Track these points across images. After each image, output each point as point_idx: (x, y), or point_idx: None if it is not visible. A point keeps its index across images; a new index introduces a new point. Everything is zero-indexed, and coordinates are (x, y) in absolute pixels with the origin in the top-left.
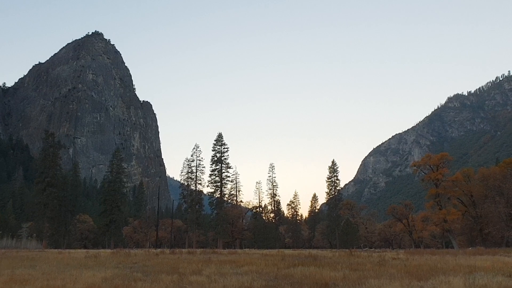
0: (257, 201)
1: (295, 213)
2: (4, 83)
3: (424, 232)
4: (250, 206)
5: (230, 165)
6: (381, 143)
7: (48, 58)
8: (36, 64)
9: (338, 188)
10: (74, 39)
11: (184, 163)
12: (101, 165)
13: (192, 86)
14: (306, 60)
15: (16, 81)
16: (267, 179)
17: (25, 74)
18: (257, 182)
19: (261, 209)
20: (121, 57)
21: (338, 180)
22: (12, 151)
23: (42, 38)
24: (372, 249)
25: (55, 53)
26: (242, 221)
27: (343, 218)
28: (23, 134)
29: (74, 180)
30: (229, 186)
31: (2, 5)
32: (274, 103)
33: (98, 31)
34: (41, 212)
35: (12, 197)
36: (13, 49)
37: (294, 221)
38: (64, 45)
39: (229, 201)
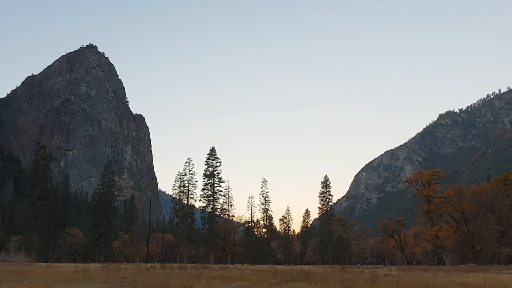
0: (250, 215)
1: (287, 228)
2: None
3: (416, 249)
4: (242, 221)
5: (222, 179)
6: (374, 159)
7: (41, 70)
8: (29, 76)
9: (330, 203)
10: (68, 52)
11: (176, 177)
12: (92, 178)
13: (184, 100)
14: (300, 74)
15: (9, 92)
16: (260, 194)
17: (17, 85)
18: (249, 197)
19: (253, 224)
20: (115, 70)
21: (331, 195)
22: (3, 163)
23: (35, 50)
24: (364, 265)
25: (49, 65)
26: (234, 236)
27: (335, 233)
28: (14, 146)
29: (64, 193)
30: (221, 201)
31: None
32: (268, 117)
33: (92, 44)
34: (31, 225)
35: (1, 209)
36: (6, 61)
37: (286, 236)
38: (58, 58)
39: (221, 215)
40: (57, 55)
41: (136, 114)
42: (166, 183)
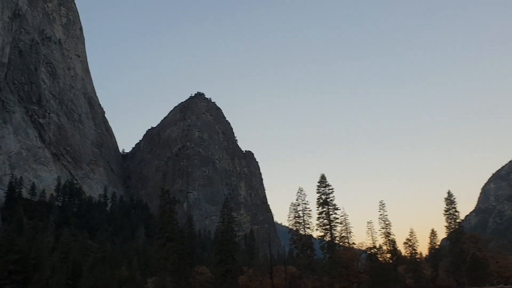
0: (370, 241)
1: (413, 251)
2: (123, 149)
3: None
4: (363, 248)
5: (337, 206)
6: (501, 167)
7: (158, 122)
8: (149, 129)
9: (458, 220)
10: (179, 102)
11: (290, 208)
12: (213, 216)
13: (290, 132)
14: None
15: (133, 146)
16: (379, 218)
17: (140, 139)
18: (368, 222)
19: (375, 249)
20: (222, 112)
21: (457, 212)
22: (134, 211)
23: (152, 106)
24: (508, 286)
25: (165, 117)
26: (357, 263)
27: (468, 252)
28: (142, 194)
29: (190, 233)
30: (338, 228)
31: (117, 82)
32: (374, 140)
33: (200, 92)
34: (163, 266)
35: (136, 254)
36: (128, 119)
37: (413, 260)
38: (171, 109)
39: (341, 243)
40: (170, 106)
41: (245, 151)
42: (281, 215)
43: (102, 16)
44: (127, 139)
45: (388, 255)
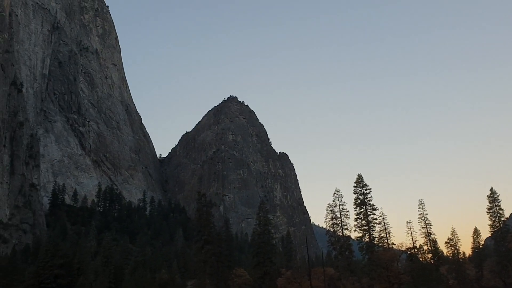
0: (410, 241)
1: (455, 251)
2: (160, 154)
3: None
4: (403, 248)
5: (375, 206)
6: None
7: (193, 127)
8: (184, 134)
9: (503, 218)
10: (213, 106)
11: (327, 209)
12: (249, 219)
13: (324, 131)
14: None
15: (170, 151)
16: (418, 217)
17: (176, 144)
18: (407, 222)
19: (416, 250)
20: (255, 115)
21: (502, 209)
22: (172, 214)
23: (187, 111)
24: None
25: (199, 121)
26: (397, 264)
27: None
28: (180, 198)
29: (227, 235)
30: (377, 229)
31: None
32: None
33: (233, 95)
34: (202, 269)
35: (175, 257)
36: (164, 125)
37: (455, 260)
38: (205, 113)
39: (380, 244)
40: (204, 110)
41: (279, 152)
42: (318, 216)
43: (136, 25)
44: (163, 144)
45: (429, 255)
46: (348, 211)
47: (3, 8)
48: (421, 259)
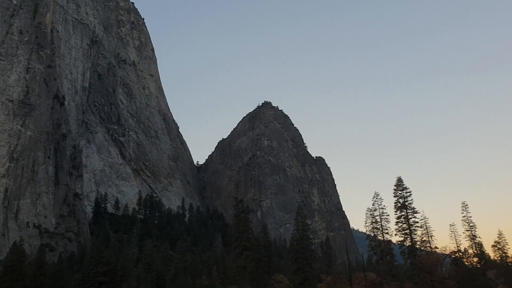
0: (454, 245)
1: (503, 254)
2: (197, 161)
3: None
4: (447, 252)
5: (416, 209)
6: None
7: (229, 133)
8: (220, 141)
9: None
10: (248, 112)
11: (366, 214)
12: (287, 224)
13: (361, 134)
14: None
15: (206, 158)
16: (462, 220)
17: (212, 151)
18: (450, 225)
19: (460, 253)
20: (290, 120)
21: None
22: (210, 221)
23: (222, 117)
24: None
25: (234, 128)
26: (441, 268)
27: None
28: (217, 204)
29: (265, 241)
30: (419, 232)
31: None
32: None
33: (267, 101)
34: (241, 275)
35: (215, 263)
36: (201, 132)
37: (504, 263)
38: (240, 119)
39: (422, 248)
40: (239, 117)
41: (316, 157)
42: (357, 221)
43: (170, 35)
44: (200, 151)
45: (475, 259)
46: (388, 215)
47: (45, 26)
48: (466, 263)
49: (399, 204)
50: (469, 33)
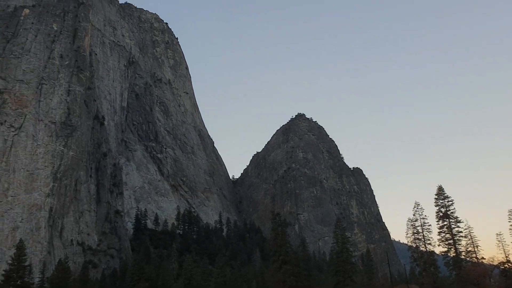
0: (503, 255)
1: None
2: (233, 175)
3: None
4: (495, 263)
5: (459, 218)
6: None
7: (263, 147)
8: (254, 154)
9: None
10: (281, 125)
11: (407, 224)
12: (326, 237)
13: (397, 144)
14: None
15: (242, 172)
16: (510, 229)
17: (247, 165)
18: (497, 234)
19: (510, 264)
20: (325, 131)
21: None
22: (248, 235)
23: (256, 131)
24: None
25: (268, 141)
26: (490, 280)
27: None
28: (254, 218)
29: (304, 255)
30: (463, 242)
31: (222, 112)
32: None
33: (300, 113)
34: None
35: (254, 277)
36: (235, 146)
37: None
38: (274, 132)
39: (467, 258)
40: (273, 130)
41: (353, 168)
42: (398, 232)
43: (203, 53)
44: (235, 165)
45: None
46: (430, 225)
47: (84, 49)
48: None
49: (441, 214)
50: None
